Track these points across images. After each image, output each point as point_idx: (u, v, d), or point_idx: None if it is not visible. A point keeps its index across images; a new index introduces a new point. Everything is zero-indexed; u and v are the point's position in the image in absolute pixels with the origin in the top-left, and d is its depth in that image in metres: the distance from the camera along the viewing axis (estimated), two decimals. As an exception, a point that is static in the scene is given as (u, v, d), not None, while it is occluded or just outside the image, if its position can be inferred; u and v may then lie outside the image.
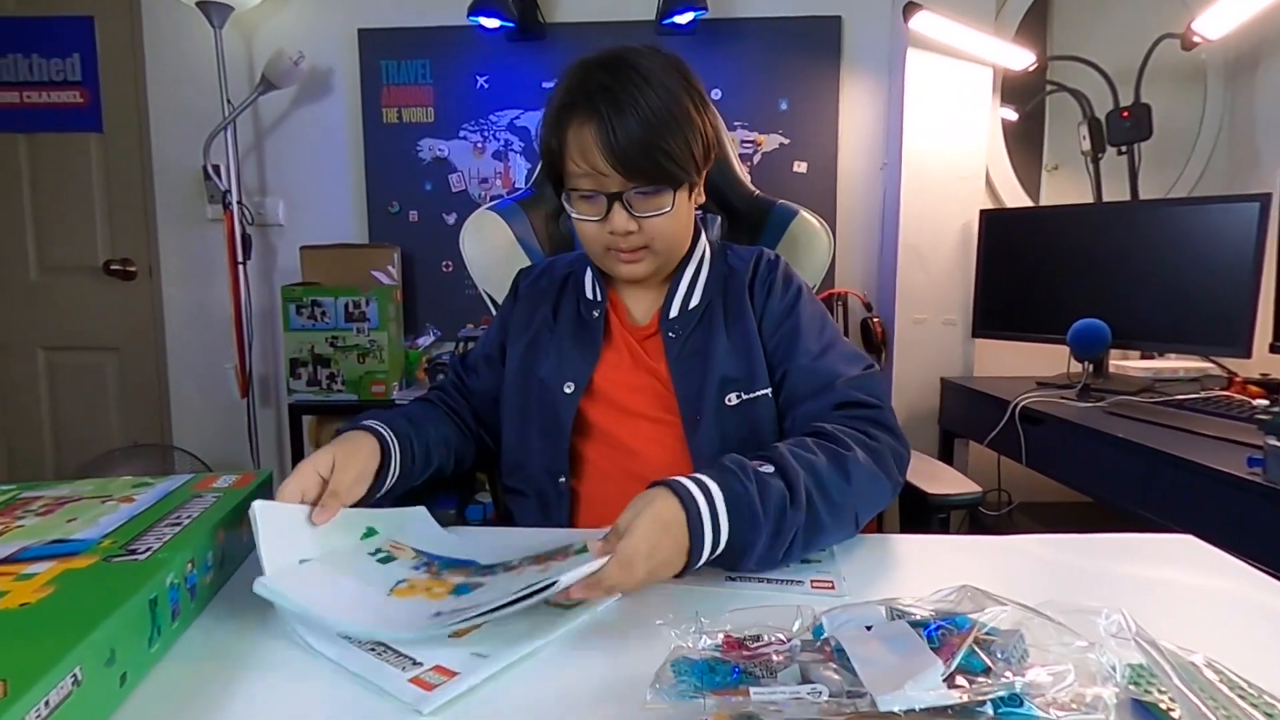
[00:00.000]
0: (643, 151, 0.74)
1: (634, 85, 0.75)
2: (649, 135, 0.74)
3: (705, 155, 0.81)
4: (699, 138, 0.79)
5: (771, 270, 0.87)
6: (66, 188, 2.20)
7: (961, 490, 0.90)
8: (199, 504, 0.73)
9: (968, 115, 1.89)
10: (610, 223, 0.78)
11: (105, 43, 2.14)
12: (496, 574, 0.60)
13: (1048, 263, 1.76)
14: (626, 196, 0.77)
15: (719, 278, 0.88)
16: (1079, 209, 1.81)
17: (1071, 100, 1.96)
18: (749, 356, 0.82)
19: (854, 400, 0.76)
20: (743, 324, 0.83)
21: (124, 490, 0.76)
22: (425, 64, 2.07)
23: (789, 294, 0.85)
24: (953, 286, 1.94)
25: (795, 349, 0.81)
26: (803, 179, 2.04)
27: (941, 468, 0.99)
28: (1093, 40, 2.05)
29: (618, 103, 0.74)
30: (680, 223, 0.81)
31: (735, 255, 0.90)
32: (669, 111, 0.75)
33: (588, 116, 0.75)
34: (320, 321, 1.93)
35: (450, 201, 2.11)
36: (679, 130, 0.76)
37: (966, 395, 1.80)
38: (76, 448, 2.26)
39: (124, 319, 2.23)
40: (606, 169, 0.75)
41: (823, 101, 2.02)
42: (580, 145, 0.77)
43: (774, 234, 1.24)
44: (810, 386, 0.79)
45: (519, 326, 0.91)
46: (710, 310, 0.85)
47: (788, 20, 2.00)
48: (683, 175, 0.77)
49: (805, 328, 0.82)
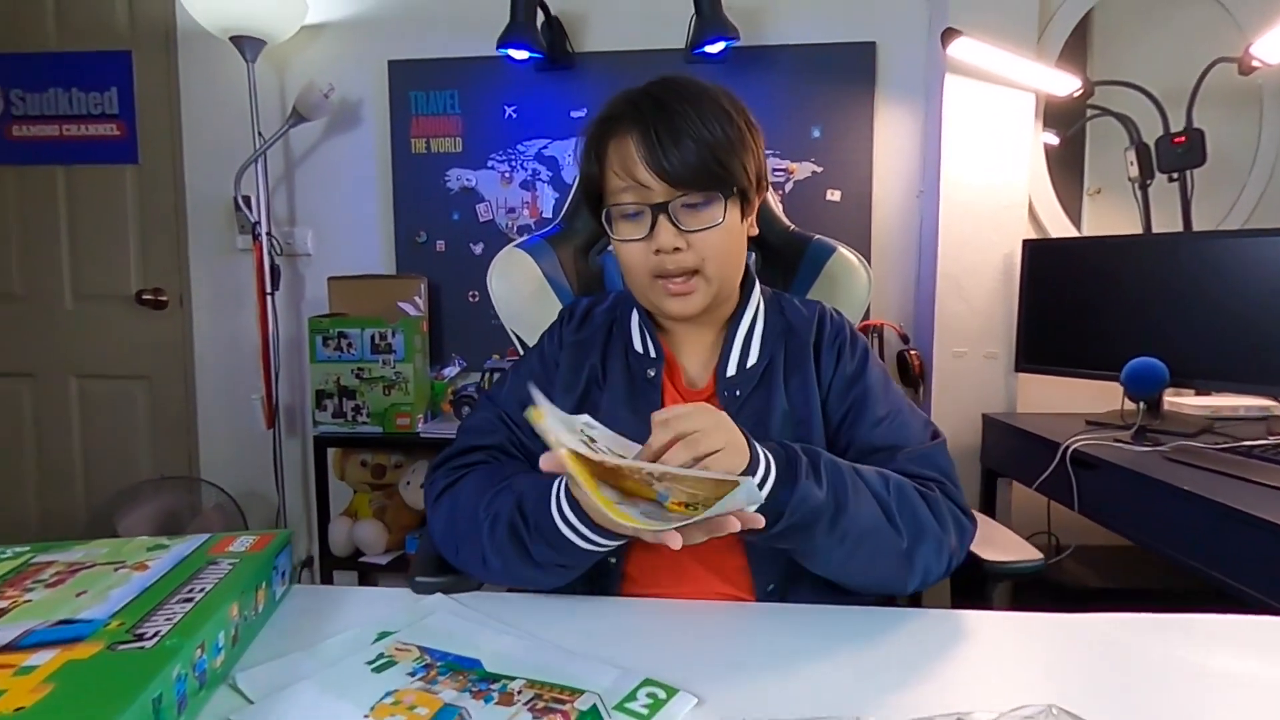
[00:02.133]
0: (689, 155, 0.69)
1: (681, 96, 0.71)
2: (696, 139, 0.69)
3: (757, 176, 0.76)
4: (750, 156, 0.74)
5: (839, 332, 0.81)
6: (102, 218, 2.23)
7: (1021, 557, 0.83)
8: (214, 573, 0.70)
9: (1009, 142, 1.83)
10: (655, 239, 0.72)
11: (142, 77, 2.18)
12: (490, 700, 0.53)
13: (1096, 294, 1.68)
14: (672, 208, 0.71)
15: (777, 333, 0.81)
16: (1128, 240, 1.74)
17: (1113, 123, 1.89)
18: (808, 424, 0.76)
19: (917, 474, 0.71)
20: (805, 389, 0.77)
21: (138, 555, 0.73)
22: (454, 94, 2.07)
23: (856, 358, 0.79)
24: (995, 318, 1.87)
25: (861, 418, 0.76)
26: (836, 207, 1.99)
27: (995, 528, 0.93)
28: (1136, 64, 1.98)
29: (664, 109, 0.70)
30: (733, 243, 0.75)
31: (793, 309, 0.84)
32: (718, 122, 0.71)
33: (631, 126, 0.71)
34: (346, 353, 1.91)
35: (477, 231, 2.10)
36: (729, 141, 0.71)
37: (1010, 433, 1.72)
38: (107, 476, 2.26)
39: (154, 348, 2.24)
40: (649, 179, 0.71)
41: (857, 129, 1.98)
42: (621, 157, 0.72)
43: (810, 271, 1.19)
44: (877, 459, 0.73)
45: (566, 380, 0.83)
46: (771, 370, 0.78)
47: (820, 47, 1.96)
48: (733, 181, 0.72)
49: (872, 395, 0.76)
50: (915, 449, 0.73)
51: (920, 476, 0.71)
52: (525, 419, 0.83)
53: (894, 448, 0.73)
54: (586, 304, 0.90)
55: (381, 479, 2.00)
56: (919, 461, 0.72)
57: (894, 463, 0.71)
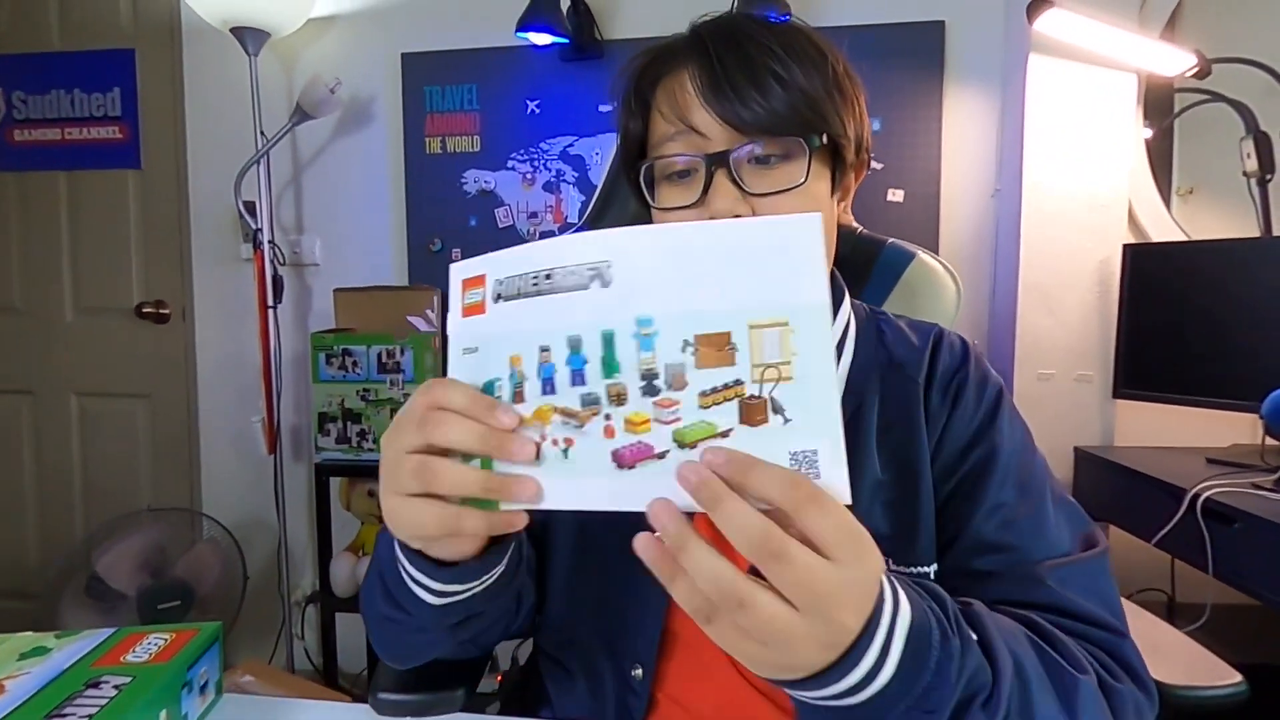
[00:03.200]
0: (768, 87, 0.49)
1: (760, 25, 0.52)
2: (777, 75, 0.49)
3: (858, 141, 0.56)
4: (850, 112, 0.54)
5: (959, 365, 0.57)
6: (104, 226, 2.10)
7: (1216, 681, 0.59)
8: (89, 703, 0.51)
9: (1106, 132, 1.58)
10: (710, 203, 0.50)
11: (146, 76, 2.04)
12: None
13: (1214, 308, 1.42)
14: (735, 160, 0.50)
15: (873, 366, 0.58)
16: (1251, 244, 1.48)
17: (1207, 113, 1.62)
18: (913, 504, 0.53)
19: (1076, 611, 0.47)
20: (909, 449, 0.54)
21: (9, 664, 0.55)
22: (472, 89, 1.89)
23: (983, 406, 0.55)
24: (1088, 336, 1.61)
25: (976, 496, 0.52)
26: (899, 209, 1.76)
27: (1160, 629, 0.69)
28: (1239, 40, 1.71)
29: (735, 38, 0.51)
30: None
31: (897, 335, 0.60)
32: (808, 61, 0.51)
33: (690, 58, 0.52)
34: (351, 372, 1.74)
35: (497, 238, 1.91)
36: (821, 84, 0.51)
37: (1112, 471, 1.46)
38: (105, 500, 2.13)
39: (156, 364, 2.10)
40: (709, 121, 0.50)
41: (923, 120, 1.74)
42: (670, 95, 0.52)
43: (884, 281, 1.00)
44: (995, 563, 0.50)
45: None
46: (860, 420, 0.55)
47: (881, 28, 1.73)
48: (827, 128, 0.51)
49: (998, 464, 0.52)
50: (1067, 562, 0.49)
51: (1088, 618, 0.47)
52: None
53: (1034, 553, 0.49)
54: None
55: (390, 510, 1.81)
56: (1078, 583, 0.48)
57: (1037, 584, 0.48)
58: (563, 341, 0.36)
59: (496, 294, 0.39)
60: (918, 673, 0.34)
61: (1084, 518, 0.54)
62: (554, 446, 0.36)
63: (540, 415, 0.37)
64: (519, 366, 0.38)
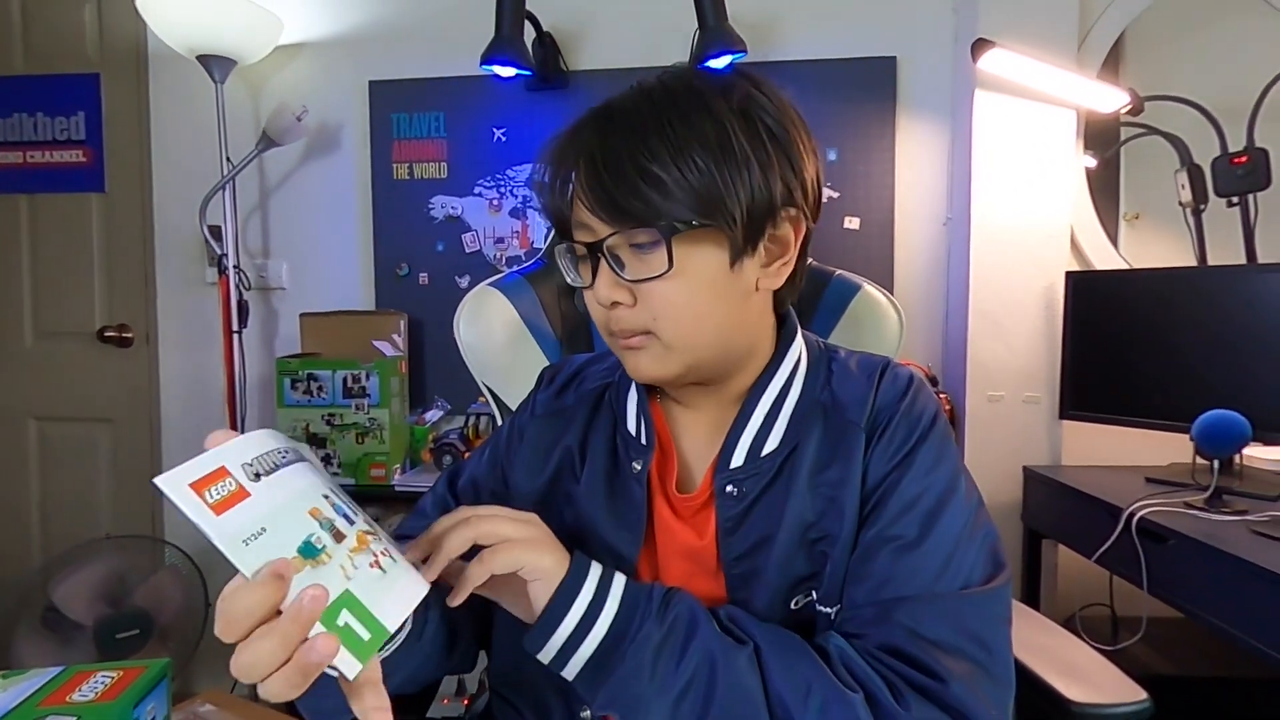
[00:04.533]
0: (625, 177, 0.49)
1: (649, 103, 0.52)
2: (635, 153, 0.49)
3: (765, 208, 0.53)
4: (743, 174, 0.51)
5: (895, 400, 0.57)
6: (66, 250, 2.08)
7: (1119, 699, 0.63)
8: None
9: (1048, 163, 1.65)
10: (596, 289, 0.54)
11: (110, 100, 2.04)
12: None
13: (1152, 333, 1.49)
14: (610, 246, 0.52)
15: (815, 406, 0.59)
16: (1186, 272, 1.55)
17: (1151, 144, 1.71)
18: (835, 545, 0.54)
19: (915, 659, 0.48)
20: (840, 490, 0.55)
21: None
22: (439, 117, 1.92)
23: (903, 441, 0.55)
24: (1035, 359, 1.67)
25: (877, 517, 0.54)
26: (855, 236, 1.81)
27: (1071, 645, 0.73)
28: (1175, 79, 1.80)
29: (615, 128, 0.51)
30: (700, 298, 0.53)
31: (842, 373, 0.60)
32: (689, 135, 0.50)
33: (579, 151, 0.53)
34: (316, 397, 1.74)
35: (463, 263, 1.93)
36: (687, 151, 0.49)
37: (1057, 491, 1.51)
38: (64, 528, 2.09)
39: (118, 389, 2.08)
40: (586, 214, 0.53)
41: (877, 151, 1.80)
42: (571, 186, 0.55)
43: (830, 313, 1.04)
44: (862, 593, 0.52)
45: (530, 462, 0.65)
46: (795, 460, 0.57)
47: (835, 63, 1.80)
48: (683, 214, 0.49)
49: (904, 488, 0.53)
50: (940, 604, 0.50)
51: (924, 667, 0.48)
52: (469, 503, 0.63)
53: (902, 590, 0.51)
54: (580, 363, 0.71)
55: (355, 535, 1.81)
56: (939, 628, 0.49)
57: (888, 621, 0.50)
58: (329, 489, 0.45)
59: (255, 473, 0.40)
60: (635, 610, 0.48)
61: (996, 557, 0.54)
62: (374, 566, 0.43)
63: (362, 540, 0.44)
64: (320, 515, 0.42)
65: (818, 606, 0.54)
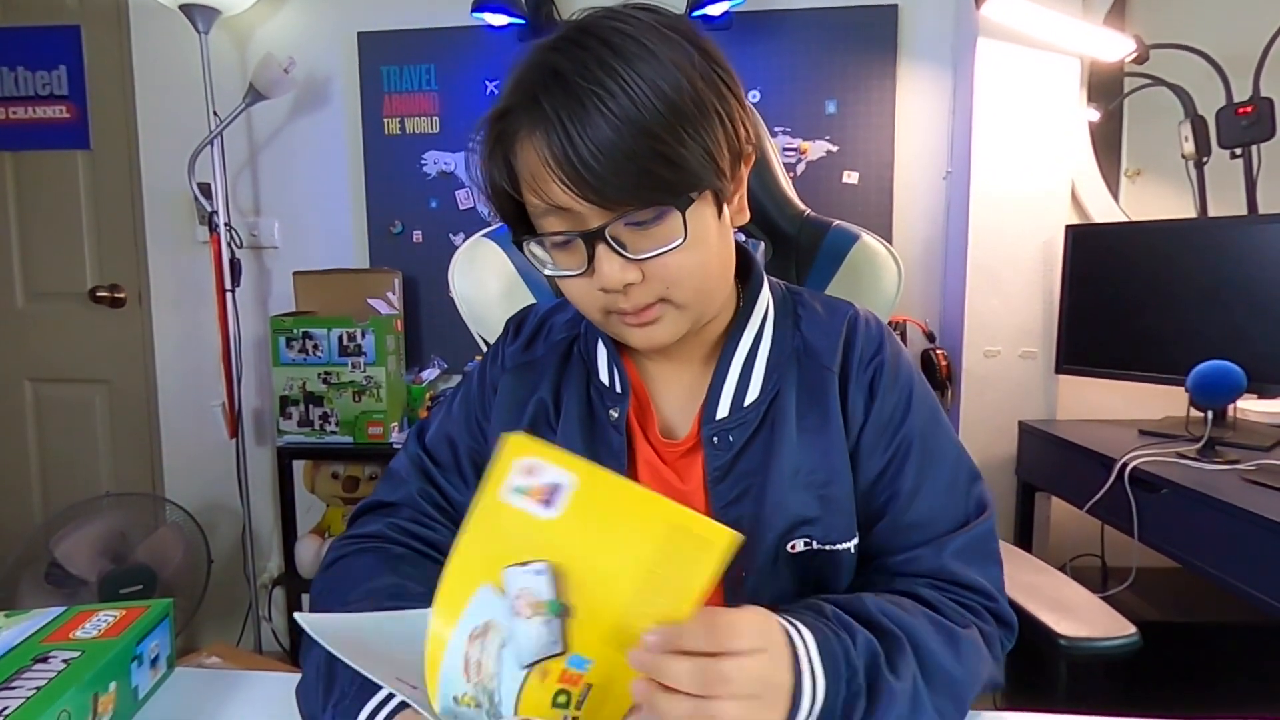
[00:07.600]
0: (622, 161, 0.46)
1: (601, 66, 0.47)
2: (630, 134, 0.46)
3: (735, 154, 0.52)
4: (718, 129, 0.50)
5: (875, 351, 0.60)
6: (53, 209, 2.05)
7: (1108, 633, 0.64)
8: (36, 677, 0.53)
9: (1051, 115, 1.63)
10: (598, 277, 0.51)
11: (92, 53, 1.99)
12: None
13: (1150, 287, 1.48)
14: (612, 233, 0.49)
15: (789, 353, 0.60)
16: (1186, 224, 1.53)
17: (1154, 97, 1.68)
18: (830, 487, 0.56)
19: (966, 582, 0.54)
20: (825, 434, 0.57)
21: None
22: (430, 69, 1.88)
23: (899, 392, 0.59)
24: (1033, 314, 1.67)
25: (899, 482, 0.57)
26: (854, 190, 1.79)
27: (1063, 584, 0.74)
28: (1180, 28, 1.76)
29: (574, 95, 0.46)
30: (709, 254, 0.53)
31: (812, 318, 0.61)
32: (661, 94, 0.47)
33: (534, 124, 0.48)
34: (312, 355, 1.74)
35: (457, 220, 1.91)
36: (681, 120, 0.47)
37: (1052, 444, 1.52)
38: (65, 487, 2.11)
39: (114, 349, 2.07)
40: (571, 200, 0.48)
41: (877, 103, 1.77)
42: (531, 170, 0.49)
43: (829, 263, 1.02)
44: (910, 540, 0.56)
45: (504, 417, 0.63)
46: (778, 408, 0.58)
47: (835, 11, 1.75)
48: (695, 183, 0.49)
49: (914, 451, 0.57)
50: (961, 537, 0.56)
51: (974, 587, 0.54)
52: (448, 463, 0.64)
53: (930, 529, 0.56)
54: (543, 312, 0.69)
55: (354, 492, 1.82)
56: (968, 557, 0.55)
57: (937, 559, 0.55)
58: None
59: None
60: (836, 674, 0.43)
61: (979, 479, 0.59)
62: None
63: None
64: None
65: (817, 545, 0.55)
